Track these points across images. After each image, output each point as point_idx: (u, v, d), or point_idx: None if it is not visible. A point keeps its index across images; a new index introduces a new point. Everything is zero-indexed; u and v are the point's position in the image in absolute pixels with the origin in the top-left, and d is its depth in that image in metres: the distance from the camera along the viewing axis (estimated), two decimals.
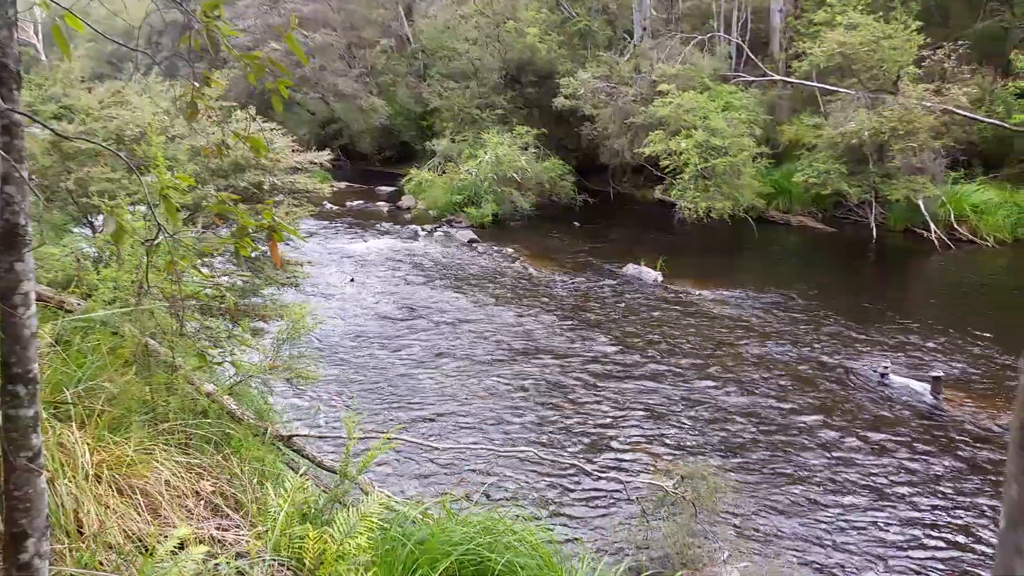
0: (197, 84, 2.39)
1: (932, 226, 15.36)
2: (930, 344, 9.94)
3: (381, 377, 8.91)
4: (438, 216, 19.18)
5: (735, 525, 5.94)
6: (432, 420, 7.80)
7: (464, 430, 7.61)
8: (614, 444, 7.36)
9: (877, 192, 16.19)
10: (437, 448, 6.43)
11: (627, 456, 7.12)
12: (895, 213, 16.47)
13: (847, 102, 16.71)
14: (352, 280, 13.19)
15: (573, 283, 13.24)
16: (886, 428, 7.68)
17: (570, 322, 11.04)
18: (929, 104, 15.45)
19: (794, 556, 5.65)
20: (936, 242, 15.20)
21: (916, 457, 7.11)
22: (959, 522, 6.09)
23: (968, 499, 6.40)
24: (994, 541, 5.56)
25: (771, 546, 5.75)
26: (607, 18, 23.24)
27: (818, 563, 5.59)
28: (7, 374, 2.24)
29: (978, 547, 5.77)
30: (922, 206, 15.54)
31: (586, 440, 7.44)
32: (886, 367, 8.88)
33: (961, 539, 5.88)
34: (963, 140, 16.50)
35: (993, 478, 6.73)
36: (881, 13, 17.09)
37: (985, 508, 6.25)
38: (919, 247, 15.52)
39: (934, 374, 8.46)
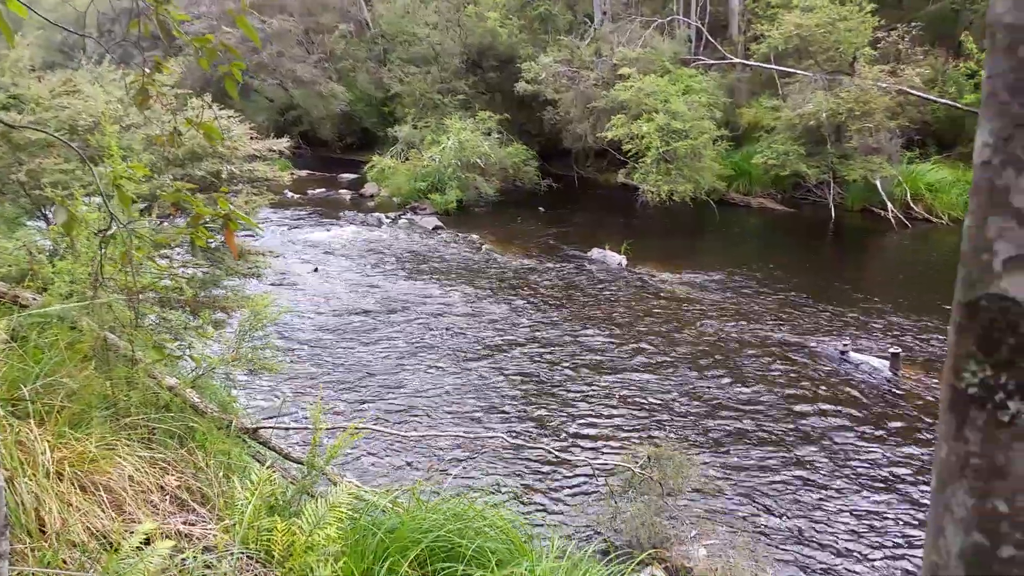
0: (148, 71, 2.34)
1: (889, 205, 15.67)
2: (888, 321, 10.17)
3: (347, 366, 8.86)
4: (402, 203, 19.06)
5: (701, 503, 6.04)
6: (400, 408, 7.79)
7: (432, 417, 7.61)
8: (581, 427, 7.42)
9: (835, 172, 16.46)
10: (406, 437, 6.43)
11: (594, 438, 7.19)
12: (853, 193, 16.76)
13: (805, 84, 16.92)
14: (316, 269, 13.06)
15: (538, 268, 13.27)
16: (847, 404, 7.85)
17: (536, 307, 11.08)
18: (884, 85, 15.72)
19: (759, 531, 5.77)
20: (893, 221, 15.51)
21: (876, 431, 7.28)
22: (915, 491, 6.26)
23: (926, 470, 6.58)
24: None
25: (737, 522, 5.86)
26: (567, 2, 23.22)
27: (782, 537, 5.71)
28: None
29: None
30: (879, 186, 15.84)
31: (553, 423, 7.49)
32: (846, 345, 9.06)
33: (916, 506, 6.05)
34: (917, 120, 16.83)
35: None
36: None
37: None
38: (876, 226, 15.82)
39: (892, 351, 8.65)
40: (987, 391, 0.51)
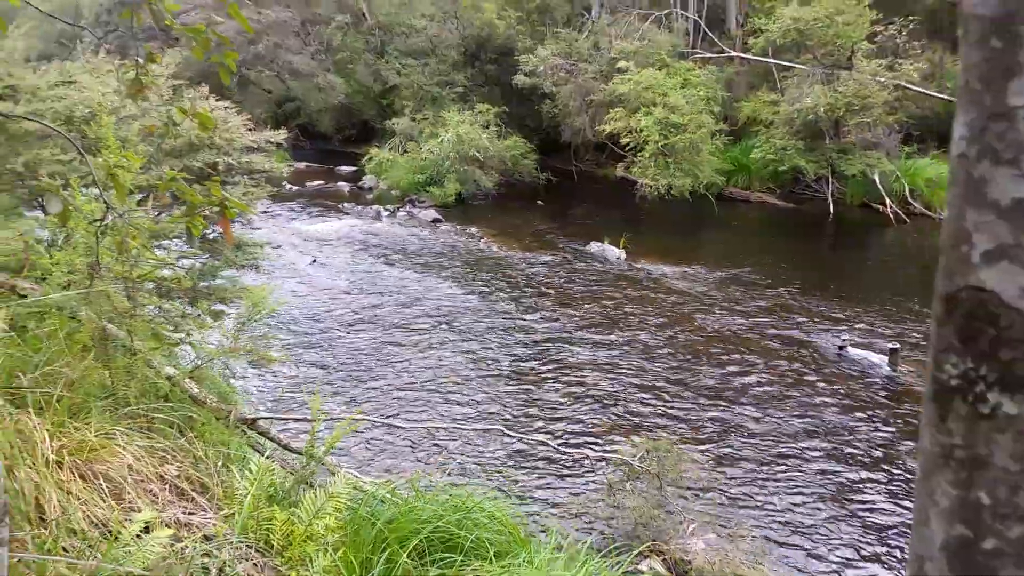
0: (141, 61, 2.35)
1: (887, 200, 15.67)
2: (887, 316, 10.20)
3: (346, 357, 8.88)
4: (401, 196, 19.03)
5: (699, 497, 6.07)
6: (399, 399, 7.81)
7: (431, 408, 7.63)
8: (579, 420, 7.44)
9: (833, 167, 16.47)
10: (404, 427, 6.46)
11: (592, 431, 7.22)
12: (851, 188, 16.76)
13: (803, 78, 16.91)
14: (314, 261, 13.06)
15: (537, 261, 13.28)
16: (845, 400, 7.88)
17: (534, 300, 11.09)
18: (882, 79, 15.71)
19: (757, 525, 5.80)
20: (891, 216, 15.52)
21: (875, 427, 7.31)
22: (913, 487, 6.29)
23: None
24: None
25: (734, 516, 5.89)
26: None
27: (779, 532, 5.74)
28: None
29: None
30: (877, 181, 15.84)
31: (552, 416, 7.51)
32: (844, 340, 9.08)
33: (912, 501, 6.08)
34: (916, 115, 16.82)
35: None
36: None
37: None
38: (875, 221, 15.84)
39: (891, 346, 8.66)
40: (968, 383, 0.53)
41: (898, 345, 8.70)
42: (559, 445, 6.52)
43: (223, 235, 6.76)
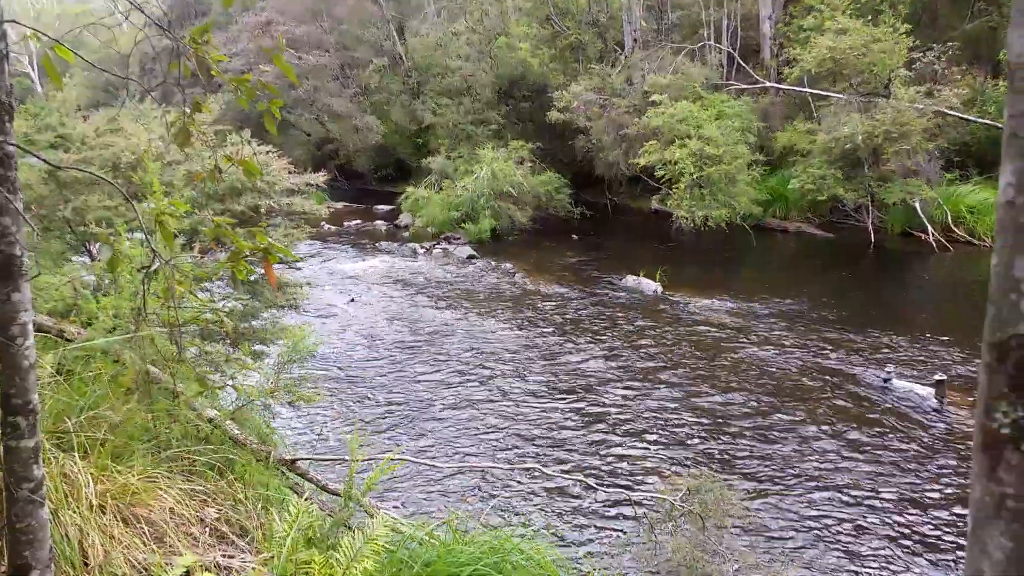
0: (188, 110, 2.42)
1: (929, 228, 15.36)
2: (932, 348, 9.93)
3: (383, 397, 8.90)
4: (436, 233, 19.21)
5: (744, 538, 5.92)
6: (436, 439, 7.79)
7: (467, 448, 7.59)
8: (618, 458, 7.34)
9: (873, 196, 16.22)
10: (441, 468, 6.42)
11: (632, 470, 7.11)
12: (892, 216, 16.48)
13: (840, 107, 16.77)
14: (352, 300, 13.20)
15: (572, 296, 13.25)
16: (891, 434, 7.66)
17: (570, 336, 11.04)
18: (921, 106, 15.50)
19: (804, 566, 5.63)
20: (934, 244, 15.20)
21: (923, 462, 7.09)
22: (963, 526, 6.07)
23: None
24: None
25: (780, 558, 5.72)
26: (597, 31, 23.38)
27: (827, 572, 5.56)
28: (7, 405, 2.25)
29: None
30: (919, 208, 15.56)
31: (590, 454, 7.42)
32: (889, 372, 8.86)
33: (964, 542, 5.86)
34: (957, 141, 16.53)
35: None
36: (870, 17, 17.20)
37: None
38: (917, 249, 15.53)
39: (937, 378, 8.43)
40: (1019, 431, 0.50)
41: (944, 376, 8.45)
42: (597, 483, 6.42)
43: (265, 277, 6.86)
